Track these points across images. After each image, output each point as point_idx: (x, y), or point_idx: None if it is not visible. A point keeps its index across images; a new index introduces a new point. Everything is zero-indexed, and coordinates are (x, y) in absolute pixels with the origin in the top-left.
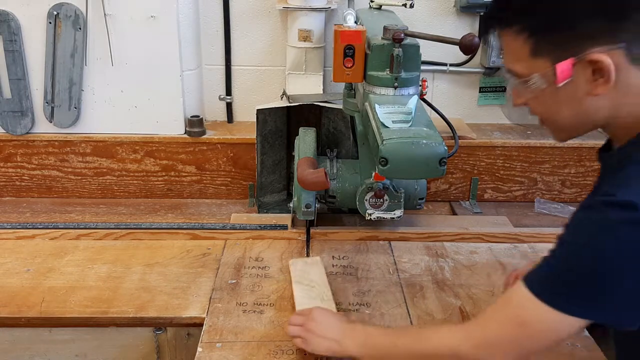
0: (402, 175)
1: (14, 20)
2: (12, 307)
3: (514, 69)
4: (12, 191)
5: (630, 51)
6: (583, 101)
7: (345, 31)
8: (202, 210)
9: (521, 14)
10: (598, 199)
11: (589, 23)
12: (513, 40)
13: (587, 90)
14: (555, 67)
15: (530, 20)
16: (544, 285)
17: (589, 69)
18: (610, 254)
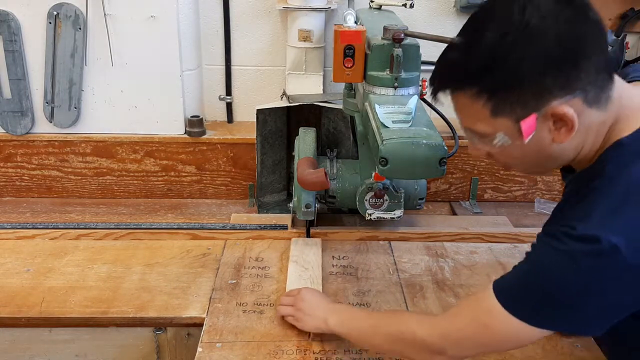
0: (402, 175)
1: (14, 20)
2: (12, 307)
3: (475, 129)
4: (12, 191)
5: (586, 96)
6: (547, 149)
7: (345, 31)
8: (202, 210)
9: (478, 77)
10: (562, 229)
11: (546, 79)
12: (471, 102)
13: (552, 139)
14: (520, 124)
15: (488, 82)
16: (511, 297)
17: (551, 120)
18: (574, 282)
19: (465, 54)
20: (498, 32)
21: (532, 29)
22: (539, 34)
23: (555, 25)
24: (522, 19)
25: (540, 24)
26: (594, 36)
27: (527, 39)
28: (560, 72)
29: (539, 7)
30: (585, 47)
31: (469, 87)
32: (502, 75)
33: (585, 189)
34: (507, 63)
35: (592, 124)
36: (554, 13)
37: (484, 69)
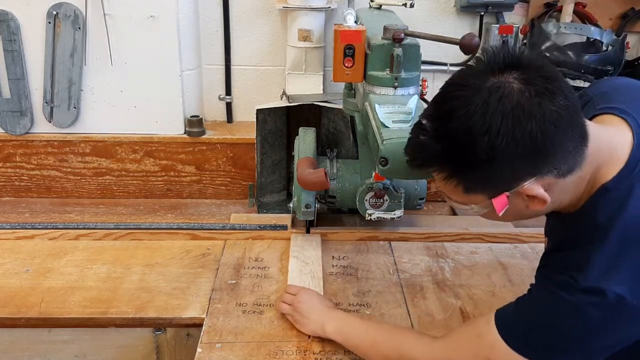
0: (402, 176)
1: (13, 20)
2: (12, 307)
3: (451, 198)
4: (11, 191)
5: (559, 172)
6: (524, 212)
7: (345, 31)
8: (202, 210)
9: (447, 163)
10: (563, 278)
11: (514, 168)
12: (444, 182)
13: (526, 207)
14: (492, 201)
15: (457, 168)
16: (516, 336)
17: (524, 194)
18: (581, 330)
19: (434, 142)
20: (463, 126)
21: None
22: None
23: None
24: (486, 114)
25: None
26: (565, 119)
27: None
28: (528, 161)
29: (503, 99)
30: (553, 135)
31: (439, 171)
32: (470, 164)
33: (577, 236)
34: (475, 154)
35: (567, 187)
36: (519, 105)
37: (451, 160)
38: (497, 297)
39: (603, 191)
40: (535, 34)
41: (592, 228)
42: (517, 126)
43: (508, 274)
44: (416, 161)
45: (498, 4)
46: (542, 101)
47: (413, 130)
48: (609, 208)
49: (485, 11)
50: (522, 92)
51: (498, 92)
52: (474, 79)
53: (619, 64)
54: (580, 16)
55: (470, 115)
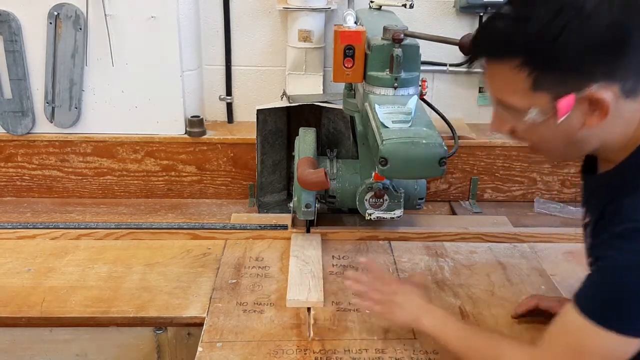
0: (402, 175)
1: (14, 20)
2: (13, 306)
3: (508, 101)
4: (12, 191)
5: (624, 85)
6: (576, 132)
7: (345, 31)
8: (202, 210)
9: (525, 50)
10: (628, 226)
11: (591, 61)
12: (512, 73)
13: (582, 122)
14: (557, 102)
15: (535, 57)
16: (600, 310)
17: (586, 102)
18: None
19: (514, 25)
20: (552, 8)
21: (586, 12)
22: (592, 18)
23: (609, 12)
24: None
25: (594, 8)
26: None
27: (580, 21)
28: (605, 58)
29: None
30: (633, 38)
31: (513, 58)
32: (550, 52)
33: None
34: (557, 41)
35: (623, 114)
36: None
37: (533, 43)
38: (496, 297)
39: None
40: None
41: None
42: (609, 15)
43: (507, 274)
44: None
45: (497, 5)
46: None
47: (488, 19)
48: None
49: (484, 12)
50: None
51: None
52: None
53: None
54: None
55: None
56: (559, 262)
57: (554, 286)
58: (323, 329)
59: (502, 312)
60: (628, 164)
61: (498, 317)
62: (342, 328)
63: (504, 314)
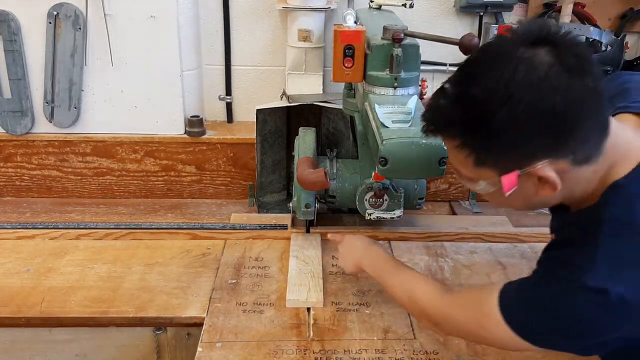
0: (402, 175)
1: (14, 20)
2: (12, 307)
3: (460, 171)
4: (12, 191)
5: (575, 157)
6: (532, 198)
7: (345, 31)
8: (202, 210)
9: (463, 132)
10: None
11: (530, 143)
12: (456, 150)
13: (535, 192)
14: (501, 179)
15: (471, 138)
16: (513, 310)
17: (534, 177)
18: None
19: (453, 106)
20: (486, 91)
21: (519, 97)
22: (525, 103)
23: (543, 95)
24: (512, 81)
25: (527, 92)
26: (589, 102)
27: (512, 107)
28: (546, 139)
29: (531, 69)
30: (576, 115)
31: (453, 138)
32: (486, 135)
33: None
34: (492, 124)
35: (581, 178)
36: (545, 80)
37: (468, 126)
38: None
39: (614, 188)
40: None
41: (599, 226)
42: (541, 98)
43: (507, 274)
44: (431, 126)
45: (497, 5)
46: (572, 78)
47: (433, 95)
48: (618, 206)
49: (484, 11)
50: (552, 65)
51: (527, 62)
52: (504, 48)
53: (618, 64)
54: (580, 16)
55: (494, 81)
56: None
57: None
58: (323, 329)
59: None
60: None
61: None
62: (342, 328)
63: None
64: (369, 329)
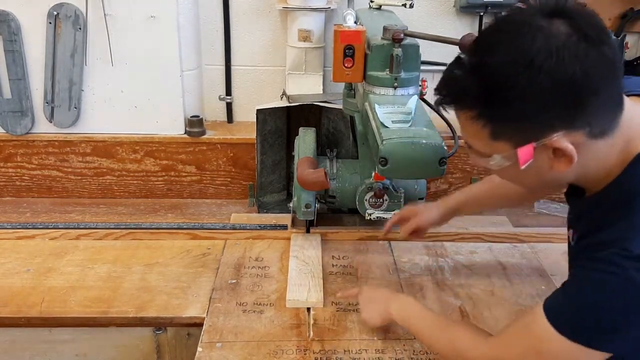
0: (402, 175)
1: (14, 20)
2: (12, 307)
3: (474, 146)
4: (12, 191)
5: (591, 130)
6: (547, 173)
7: (345, 31)
8: (202, 210)
9: (479, 102)
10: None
11: (547, 113)
12: (471, 122)
13: (550, 167)
14: (517, 151)
15: (489, 108)
16: (565, 320)
17: (550, 150)
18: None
19: (469, 75)
20: (505, 59)
21: (538, 64)
22: (544, 70)
23: (562, 63)
24: (529, 52)
25: (547, 59)
26: (605, 71)
27: (533, 72)
28: (563, 108)
29: (550, 38)
30: (593, 84)
31: (469, 109)
32: (504, 104)
33: (615, 210)
34: (510, 93)
35: (596, 153)
36: (564, 48)
37: (485, 96)
38: (496, 297)
39: (638, 159)
40: None
41: (630, 197)
42: (561, 66)
43: (507, 274)
44: (447, 97)
45: (497, 5)
46: (589, 47)
47: (449, 66)
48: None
49: (484, 11)
50: (570, 35)
51: (545, 31)
52: (521, 17)
53: None
54: None
55: (512, 50)
56: (559, 262)
57: (555, 286)
58: (323, 329)
59: (502, 312)
60: (616, 187)
61: (498, 317)
62: (342, 328)
63: (504, 314)
64: (369, 329)
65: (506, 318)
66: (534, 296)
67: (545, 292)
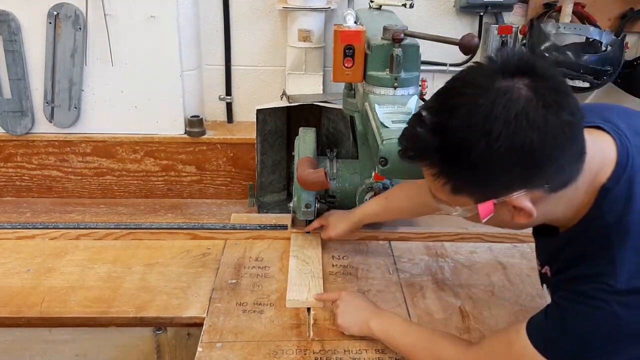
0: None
1: (14, 20)
2: (12, 307)
3: (437, 197)
4: (12, 191)
5: (550, 186)
6: (509, 224)
7: (345, 31)
8: (202, 210)
9: (440, 161)
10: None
11: (506, 176)
12: (433, 177)
13: (511, 218)
14: (477, 206)
15: (448, 168)
16: (548, 342)
17: (510, 205)
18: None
19: (431, 134)
20: (464, 123)
21: (496, 134)
22: (502, 139)
23: (521, 129)
24: (490, 115)
25: (506, 124)
26: (564, 137)
27: (491, 139)
28: (521, 171)
29: (509, 104)
30: (550, 150)
31: (431, 166)
32: (463, 165)
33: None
34: (469, 156)
35: (560, 200)
36: (524, 113)
37: (445, 157)
38: (496, 297)
39: (604, 192)
40: (535, 35)
41: (605, 231)
42: (518, 134)
43: (507, 274)
44: (408, 152)
45: (497, 5)
46: (548, 113)
47: (410, 121)
48: (615, 206)
49: (484, 11)
50: (529, 100)
51: (505, 95)
52: (482, 78)
53: (618, 64)
54: (580, 16)
55: (472, 114)
56: None
57: None
58: (323, 329)
59: (502, 312)
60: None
61: (498, 317)
62: None
63: (504, 314)
64: None
65: (506, 318)
66: (534, 296)
67: (545, 292)
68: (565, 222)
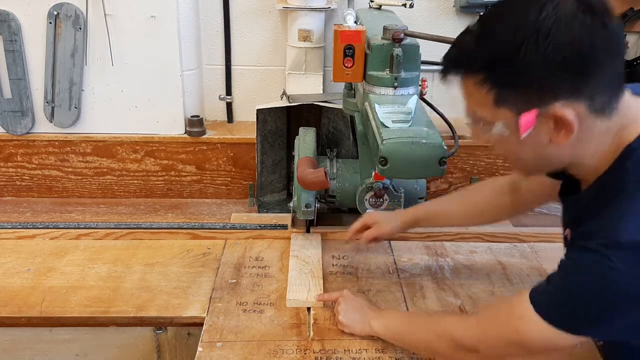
0: (402, 175)
1: (14, 20)
2: (13, 306)
3: (477, 113)
4: (12, 191)
5: (592, 103)
6: (545, 147)
7: (345, 31)
8: (202, 210)
9: (485, 67)
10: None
11: (552, 80)
12: (475, 88)
13: (549, 139)
14: (519, 117)
15: (494, 74)
16: (548, 304)
17: (551, 120)
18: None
19: (477, 41)
20: (512, 27)
21: (546, 31)
22: (552, 36)
23: (570, 30)
24: (537, 19)
25: (554, 26)
26: (610, 46)
27: (536, 41)
28: (567, 77)
29: (558, 8)
30: (598, 56)
31: (475, 74)
32: (509, 70)
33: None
34: (516, 59)
35: (594, 132)
36: (572, 17)
37: (492, 60)
38: (496, 297)
39: (629, 151)
40: None
41: (619, 189)
42: (568, 34)
43: (507, 274)
44: (454, 61)
45: None
46: (595, 21)
47: (460, 34)
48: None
49: (484, 11)
50: (578, 7)
51: (554, 1)
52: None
53: None
54: None
55: (521, 17)
56: None
57: None
58: (323, 329)
59: None
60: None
61: None
62: None
63: None
64: None
65: None
66: None
67: None
68: (587, 173)
